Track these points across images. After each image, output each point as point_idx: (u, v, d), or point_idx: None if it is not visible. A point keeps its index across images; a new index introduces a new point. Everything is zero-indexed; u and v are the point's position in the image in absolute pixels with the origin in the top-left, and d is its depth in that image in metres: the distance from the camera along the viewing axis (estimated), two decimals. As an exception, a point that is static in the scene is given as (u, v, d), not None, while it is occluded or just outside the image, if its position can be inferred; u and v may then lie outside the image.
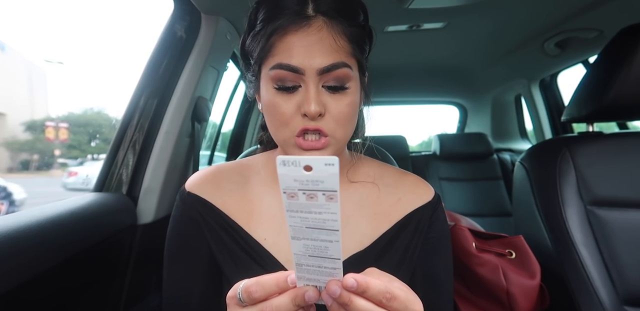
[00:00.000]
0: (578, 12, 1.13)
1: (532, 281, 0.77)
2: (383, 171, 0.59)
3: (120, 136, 0.87)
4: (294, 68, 0.44)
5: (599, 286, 0.75)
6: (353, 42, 0.48)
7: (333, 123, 0.46)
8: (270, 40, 0.46)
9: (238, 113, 1.85)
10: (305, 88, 0.45)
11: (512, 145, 2.33)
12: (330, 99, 0.46)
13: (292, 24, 0.45)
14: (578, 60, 1.59)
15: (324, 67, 0.44)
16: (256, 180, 0.57)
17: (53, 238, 0.58)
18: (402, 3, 1.00)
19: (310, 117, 0.44)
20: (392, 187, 0.56)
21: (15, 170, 12.05)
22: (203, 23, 0.95)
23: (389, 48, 1.50)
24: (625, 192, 0.79)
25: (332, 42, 0.45)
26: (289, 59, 0.44)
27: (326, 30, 0.46)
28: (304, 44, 0.45)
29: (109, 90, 35.15)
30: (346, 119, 0.47)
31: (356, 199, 0.55)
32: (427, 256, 0.53)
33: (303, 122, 0.45)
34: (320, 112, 0.44)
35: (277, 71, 0.45)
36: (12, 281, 0.50)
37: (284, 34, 0.45)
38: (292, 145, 0.47)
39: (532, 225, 0.88)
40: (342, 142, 0.49)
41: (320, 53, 0.45)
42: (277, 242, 0.52)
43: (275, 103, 0.46)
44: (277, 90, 0.46)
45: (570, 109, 0.92)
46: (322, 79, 0.45)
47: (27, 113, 13.18)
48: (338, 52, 0.45)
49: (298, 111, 0.45)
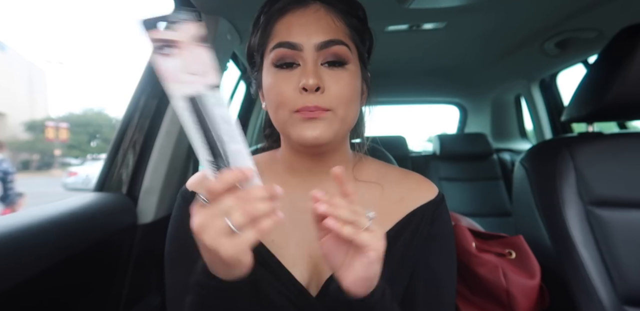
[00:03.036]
0: (578, 12, 1.13)
1: (532, 281, 0.77)
2: (387, 171, 0.59)
3: (120, 136, 0.87)
4: (293, 44, 0.46)
5: (599, 286, 0.75)
6: (351, 27, 0.50)
7: (334, 99, 0.46)
8: (270, 23, 0.48)
9: (238, 113, 1.85)
10: (304, 64, 0.46)
11: (512, 145, 2.33)
12: (329, 76, 0.46)
13: (290, 5, 0.48)
14: (578, 60, 1.59)
15: (322, 42, 0.46)
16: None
17: (53, 238, 0.58)
18: (402, 3, 1.00)
19: (309, 90, 0.45)
20: (395, 186, 0.56)
21: (16, 170, 12.06)
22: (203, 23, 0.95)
23: (389, 48, 1.50)
24: (625, 192, 0.79)
25: (330, 21, 0.48)
26: (287, 37, 0.47)
27: (324, 12, 0.48)
28: (302, 22, 0.47)
29: (109, 90, 35.12)
30: (346, 98, 0.47)
31: (360, 199, 0.55)
32: (430, 255, 0.53)
33: (302, 99, 0.45)
34: (319, 84, 0.45)
35: (277, 50, 0.47)
36: (12, 281, 0.50)
37: (283, 14, 0.48)
38: (292, 120, 0.46)
39: (532, 225, 0.88)
40: (342, 121, 0.48)
41: (317, 30, 0.47)
42: (283, 246, 0.51)
43: (274, 83, 0.47)
44: (276, 68, 0.47)
45: (570, 109, 0.92)
46: (320, 56, 0.47)
47: (27, 113, 13.19)
48: (335, 31, 0.48)
49: (297, 89, 0.46)
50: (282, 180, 0.56)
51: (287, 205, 0.54)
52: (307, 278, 0.50)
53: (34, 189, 6.76)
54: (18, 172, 11.60)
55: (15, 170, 3.16)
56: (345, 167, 0.56)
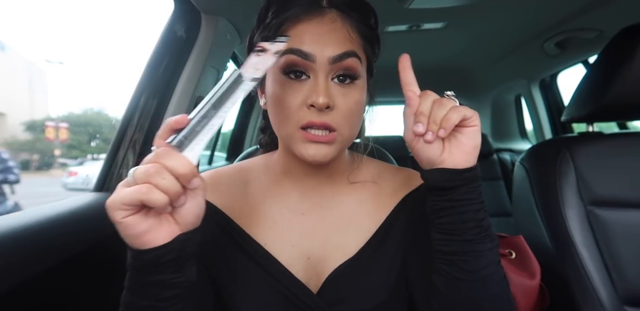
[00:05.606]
0: (578, 12, 1.13)
1: (532, 281, 0.77)
2: (381, 170, 0.59)
3: (120, 136, 0.87)
4: (305, 54, 0.43)
5: (599, 286, 0.75)
6: (364, 38, 0.48)
7: (340, 119, 0.45)
8: (282, 28, 0.45)
9: (238, 113, 1.85)
10: (314, 79, 0.44)
11: (512, 145, 2.33)
12: (338, 94, 0.45)
13: (305, 13, 0.45)
14: (578, 60, 1.59)
15: (336, 56, 0.44)
16: (256, 184, 0.56)
17: (53, 238, 0.58)
18: (402, 3, 1.00)
19: (318, 108, 0.43)
20: (390, 182, 0.57)
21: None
22: (203, 23, 0.95)
23: (389, 48, 1.49)
24: (625, 192, 0.79)
25: (346, 33, 0.45)
26: (300, 44, 0.44)
27: (340, 22, 0.46)
28: (317, 32, 0.44)
29: (109, 90, 35.16)
30: (354, 117, 0.46)
31: (356, 198, 0.55)
32: (426, 240, 0.50)
33: (309, 115, 0.44)
34: (329, 104, 0.43)
35: (288, 57, 0.44)
36: (12, 281, 0.50)
37: (297, 22, 0.45)
38: (295, 138, 0.45)
39: (532, 225, 0.88)
40: (347, 141, 0.48)
41: (332, 42, 0.44)
42: (278, 248, 0.51)
43: (281, 94, 0.45)
44: (285, 77, 0.45)
45: (570, 109, 0.92)
46: (333, 70, 0.45)
47: (27, 113, 13.18)
48: (351, 43, 0.45)
49: (304, 104, 0.44)
50: (278, 183, 0.55)
51: (282, 208, 0.54)
52: (304, 279, 0.49)
53: (34, 189, 6.76)
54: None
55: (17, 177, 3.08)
56: (343, 171, 0.56)
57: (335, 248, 0.51)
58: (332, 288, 0.49)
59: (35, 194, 4.83)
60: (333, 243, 0.52)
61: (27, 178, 10.66)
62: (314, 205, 0.54)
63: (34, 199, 3.64)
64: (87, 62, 50.57)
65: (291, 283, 0.48)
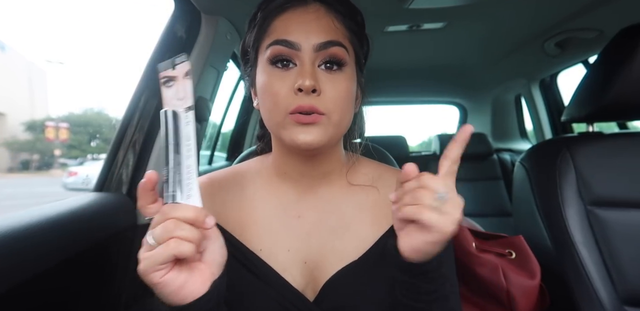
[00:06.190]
0: (578, 12, 1.13)
1: (532, 281, 0.77)
2: (381, 172, 0.58)
3: (120, 136, 0.87)
4: (291, 43, 0.45)
5: (599, 286, 0.75)
6: (350, 31, 0.49)
7: (329, 104, 0.45)
8: (268, 20, 0.47)
9: (238, 113, 1.85)
10: (301, 65, 0.45)
11: (512, 145, 2.33)
12: (326, 80, 0.45)
13: (290, 3, 0.47)
14: (578, 60, 1.59)
15: (321, 43, 0.45)
16: (251, 188, 0.55)
17: (53, 238, 0.58)
18: (402, 3, 1.00)
19: (305, 92, 0.43)
20: (390, 188, 0.55)
21: (16, 170, 12.06)
22: (203, 23, 0.95)
23: (389, 48, 1.50)
24: (625, 192, 0.79)
25: (330, 22, 0.47)
26: (285, 34, 0.46)
27: (324, 12, 0.47)
28: (302, 20, 0.46)
29: (109, 90, 35.16)
30: (342, 103, 0.46)
31: (356, 203, 0.54)
32: None
33: (297, 99, 0.44)
34: (315, 86, 0.43)
35: (274, 47, 0.46)
36: (12, 281, 0.50)
37: (281, 12, 0.47)
38: (285, 124, 0.45)
39: (532, 225, 0.88)
40: (337, 126, 0.47)
41: (317, 30, 0.46)
42: (273, 253, 0.50)
43: (269, 83, 0.46)
44: (272, 66, 0.46)
45: (570, 109, 0.92)
46: (318, 57, 0.46)
47: (27, 113, 13.19)
48: (335, 32, 0.47)
49: (292, 90, 0.44)
50: (273, 185, 0.55)
51: (278, 211, 0.53)
52: (302, 284, 0.49)
53: (34, 189, 6.77)
54: (18, 172, 11.59)
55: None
56: (339, 171, 0.55)
57: (332, 252, 0.50)
58: (331, 295, 0.48)
59: (35, 194, 4.83)
60: (330, 247, 0.51)
61: (27, 178, 10.66)
62: (310, 208, 0.53)
63: (34, 199, 3.64)
64: (87, 62, 50.59)
65: (287, 291, 0.47)
